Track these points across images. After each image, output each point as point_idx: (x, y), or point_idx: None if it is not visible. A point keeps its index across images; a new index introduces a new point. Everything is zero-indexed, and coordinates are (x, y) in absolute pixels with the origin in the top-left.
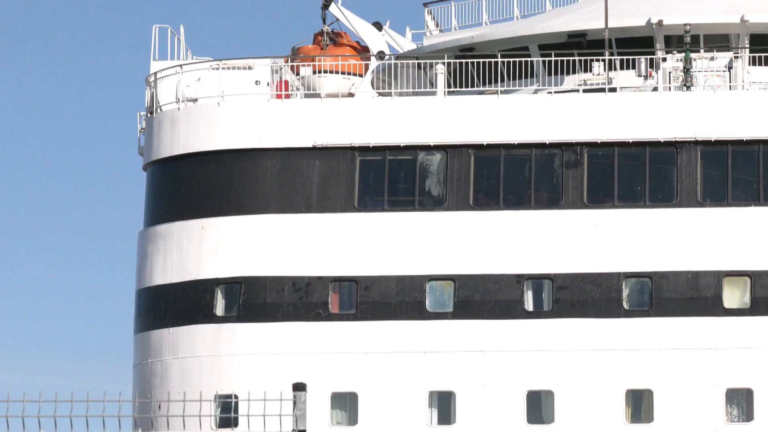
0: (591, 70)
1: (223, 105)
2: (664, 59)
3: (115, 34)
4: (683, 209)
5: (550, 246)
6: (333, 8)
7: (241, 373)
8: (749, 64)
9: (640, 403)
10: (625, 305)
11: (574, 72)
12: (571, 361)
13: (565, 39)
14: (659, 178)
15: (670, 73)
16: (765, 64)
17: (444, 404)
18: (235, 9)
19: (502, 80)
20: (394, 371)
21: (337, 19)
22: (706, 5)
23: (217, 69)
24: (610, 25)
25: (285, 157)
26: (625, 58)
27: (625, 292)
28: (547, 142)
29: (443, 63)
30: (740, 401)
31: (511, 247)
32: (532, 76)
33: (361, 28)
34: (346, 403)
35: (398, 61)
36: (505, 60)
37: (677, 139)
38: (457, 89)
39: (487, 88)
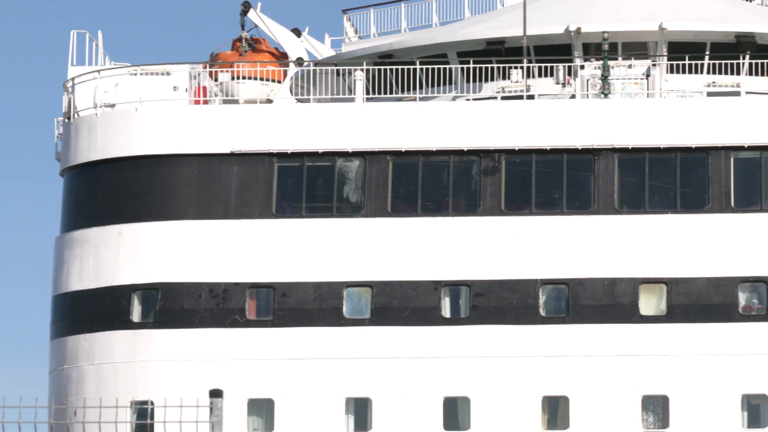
0: (509, 78)
1: (141, 110)
2: (582, 67)
3: (33, 39)
4: (600, 216)
5: (467, 253)
6: (252, 14)
7: (158, 379)
8: (667, 72)
9: (556, 410)
10: (542, 312)
11: (492, 79)
12: (488, 368)
13: (484, 46)
14: (577, 185)
15: (588, 80)
16: (683, 72)
17: (361, 411)
18: (154, 15)
19: (421, 87)
20: (311, 378)
21: (256, 26)
22: (625, 13)
23: (135, 74)
24: (528, 33)
25: (203, 163)
26: (543, 65)
27: (542, 299)
28: (465, 149)
29: (362, 69)
30: (656, 408)
31: (429, 254)
32: (450, 83)
33: (279, 34)
34: (262, 410)
35: (317, 68)
36: (424, 67)
37: (595, 147)
38: (376, 96)
39: (405, 95)
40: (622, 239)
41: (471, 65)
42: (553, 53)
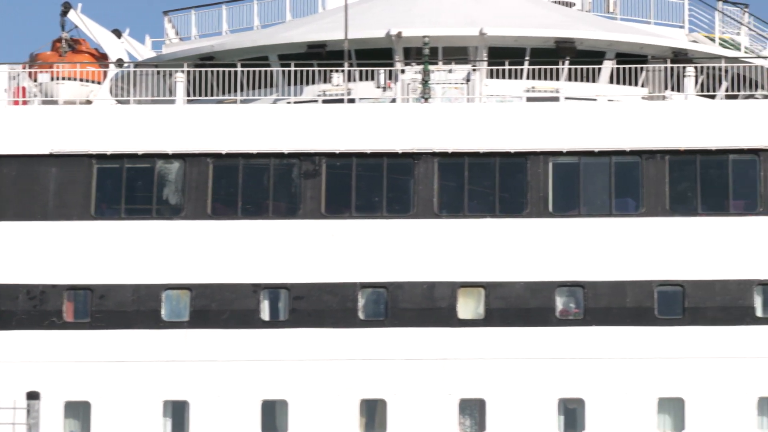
0: (330, 81)
1: None
2: (403, 71)
3: None
4: (420, 220)
5: (287, 256)
6: (72, 15)
7: None
8: (487, 77)
9: (374, 413)
10: (361, 315)
11: (313, 82)
12: (307, 371)
13: (305, 49)
14: (397, 189)
15: (408, 84)
16: (503, 77)
17: (178, 414)
18: None
19: (242, 89)
20: (128, 380)
21: (76, 26)
22: (445, 18)
23: None
24: (349, 37)
25: (22, 165)
26: (364, 69)
27: (361, 302)
28: (286, 152)
29: (182, 71)
30: (473, 412)
31: (249, 257)
32: (271, 85)
33: (100, 35)
34: (79, 413)
35: (137, 69)
36: (245, 69)
37: (415, 151)
38: (197, 98)
39: (226, 97)
40: (441, 243)
41: (292, 68)
42: (374, 57)
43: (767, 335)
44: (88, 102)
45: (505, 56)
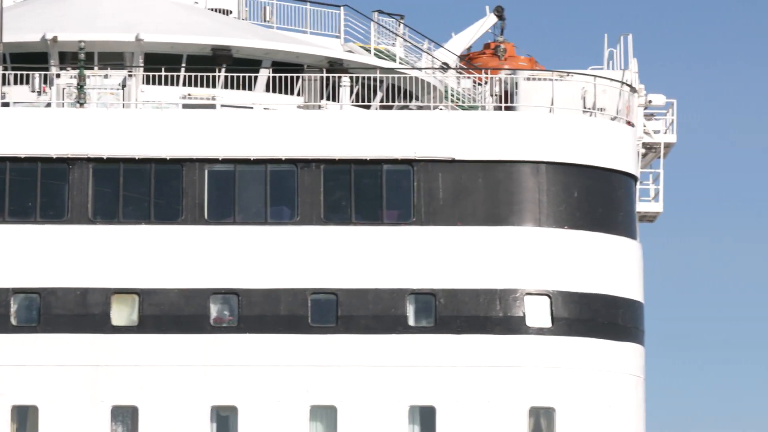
0: None
1: None
2: (58, 75)
3: None
4: (74, 226)
5: None
6: None
7: None
8: (143, 83)
9: (25, 420)
10: (14, 321)
11: None
12: None
13: None
14: (51, 194)
15: (63, 89)
16: (159, 84)
17: None
18: None
19: None
20: None
21: None
22: (102, 23)
23: None
24: (4, 40)
25: None
26: (19, 73)
27: (14, 308)
28: None
29: None
30: (125, 419)
31: None
32: None
33: None
34: None
35: None
36: None
37: (69, 156)
38: None
39: None
40: (96, 249)
41: None
42: (29, 61)
43: (419, 344)
44: None
45: (162, 62)
